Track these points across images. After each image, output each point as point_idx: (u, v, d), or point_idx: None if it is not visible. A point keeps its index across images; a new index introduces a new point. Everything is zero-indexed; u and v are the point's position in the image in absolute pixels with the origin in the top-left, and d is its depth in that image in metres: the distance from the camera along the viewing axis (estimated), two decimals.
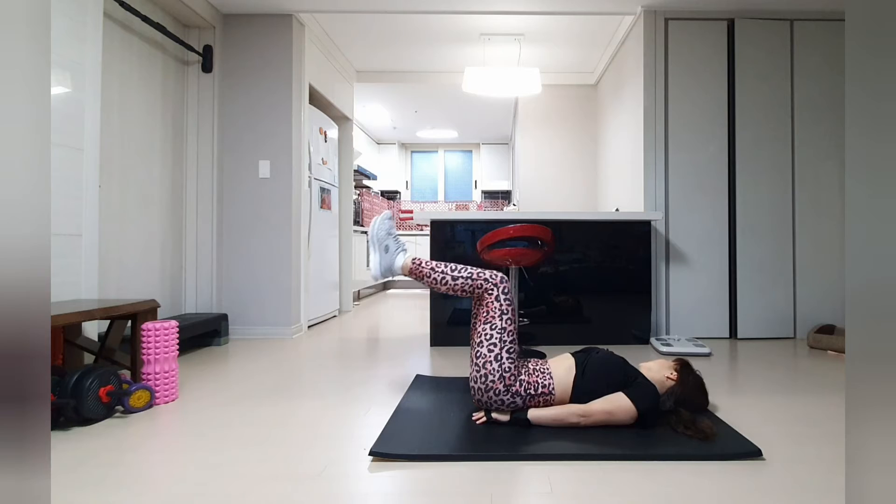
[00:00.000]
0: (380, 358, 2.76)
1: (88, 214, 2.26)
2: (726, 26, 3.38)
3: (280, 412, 1.85)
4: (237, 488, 1.27)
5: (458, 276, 1.82)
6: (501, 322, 1.74)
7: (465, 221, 3.16)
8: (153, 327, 1.93)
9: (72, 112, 2.18)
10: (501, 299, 1.77)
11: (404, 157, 8.14)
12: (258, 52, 3.39)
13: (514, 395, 1.67)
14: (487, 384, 1.68)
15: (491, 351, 1.70)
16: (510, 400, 1.68)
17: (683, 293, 3.35)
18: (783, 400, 1.99)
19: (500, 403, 1.68)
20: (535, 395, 1.68)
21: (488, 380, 1.68)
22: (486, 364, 1.69)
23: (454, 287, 1.83)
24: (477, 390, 1.71)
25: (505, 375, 1.68)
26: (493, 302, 1.77)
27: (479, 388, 1.70)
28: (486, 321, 1.75)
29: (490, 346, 1.71)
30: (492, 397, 1.68)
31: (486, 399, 1.70)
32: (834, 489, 1.26)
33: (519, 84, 3.82)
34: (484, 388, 1.69)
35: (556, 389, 1.69)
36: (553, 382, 1.69)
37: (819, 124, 3.35)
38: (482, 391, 1.69)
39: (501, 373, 1.68)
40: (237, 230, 3.38)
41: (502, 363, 1.68)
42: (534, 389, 1.68)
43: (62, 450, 1.50)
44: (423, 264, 1.88)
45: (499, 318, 1.74)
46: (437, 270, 1.85)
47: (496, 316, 1.75)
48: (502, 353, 1.70)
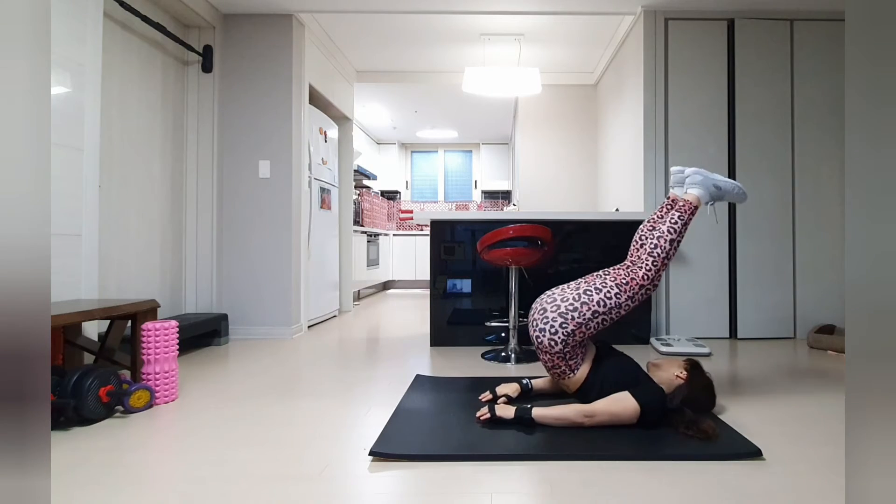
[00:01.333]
0: (380, 358, 2.76)
1: (88, 214, 2.26)
2: (726, 26, 3.38)
3: (280, 412, 1.85)
4: (237, 488, 1.27)
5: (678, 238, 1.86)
6: (621, 299, 1.78)
7: (465, 221, 3.16)
8: (153, 327, 1.93)
9: (72, 112, 2.18)
10: (646, 285, 1.81)
11: (404, 157, 8.14)
12: (258, 52, 3.39)
13: (565, 344, 1.72)
14: (567, 318, 1.72)
15: (600, 305, 1.75)
16: (561, 339, 1.72)
17: (683, 293, 3.35)
18: (783, 400, 1.99)
19: (551, 336, 1.73)
20: (568, 360, 1.74)
21: (569, 316, 1.73)
22: (584, 307, 1.73)
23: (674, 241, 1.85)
24: (547, 312, 1.75)
25: (583, 328, 1.73)
26: (638, 278, 1.80)
27: (551, 316, 1.74)
28: (620, 283, 1.79)
29: (601, 300, 1.75)
30: (555, 327, 1.73)
31: (545, 322, 1.74)
32: (834, 489, 1.26)
33: (519, 84, 3.82)
34: (560, 316, 1.73)
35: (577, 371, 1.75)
36: (582, 364, 1.76)
37: (819, 124, 3.35)
38: (551, 318, 1.74)
39: (584, 323, 1.73)
40: (237, 230, 3.38)
41: (589, 321, 1.74)
42: (571, 356, 1.74)
43: (62, 450, 1.50)
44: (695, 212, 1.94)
45: (627, 297, 1.78)
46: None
47: (626, 289, 1.79)
48: (598, 316, 1.74)
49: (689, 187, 1.99)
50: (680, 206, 1.91)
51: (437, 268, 3.16)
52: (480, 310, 3.16)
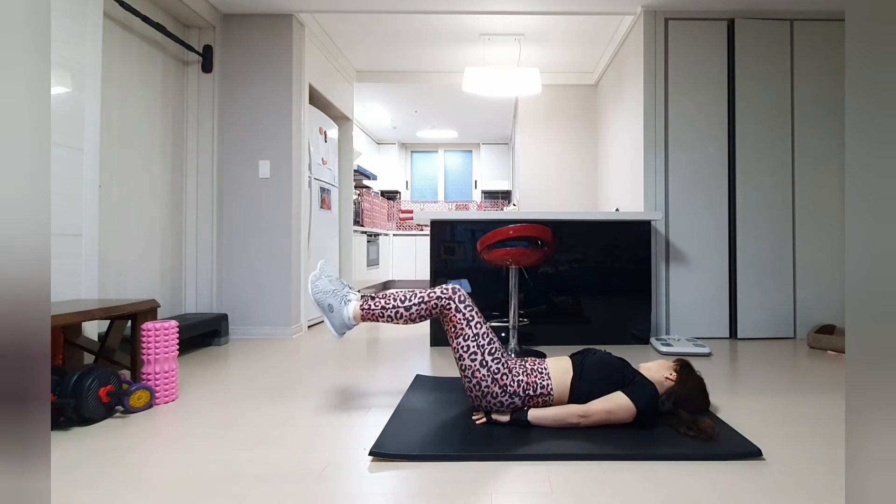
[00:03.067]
0: (380, 358, 2.76)
1: (88, 214, 2.26)
2: (726, 26, 3.38)
3: (280, 412, 1.85)
4: (237, 488, 1.27)
5: (411, 305, 1.77)
6: (472, 329, 1.72)
7: (465, 221, 3.16)
8: (153, 327, 1.93)
9: (72, 112, 2.18)
10: (462, 309, 1.74)
11: (404, 157, 8.14)
12: (258, 52, 3.39)
13: (512, 396, 1.67)
14: (483, 390, 1.67)
15: (474, 360, 1.68)
16: (509, 400, 1.67)
17: (683, 293, 3.35)
18: (783, 400, 1.99)
19: (499, 405, 1.68)
20: (533, 395, 1.68)
21: (482, 386, 1.67)
22: (475, 373, 1.68)
23: (411, 317, 1.78)
24: (475, 398, 1.71)
25: (497, 377, 1.67)
26: (455, 314, 1.74)
27: (476, 395, 1.70)
28: (457, 335, 1.73)
29: (471, 356, 1.69)
30: (490, 401, 1.68)
31: (485, 403, 1.69)
32: (834, 489, 1.26)
33: (519, 84, 3.82)
34: (481, 395, 1.68)
35: (554, 390, 1.68)
36: (551, 383, 1.69)
37: (819, 124, 3.35)
38: (479, 398, 1.69)
39: (492, 376, 1.67)
40: (237, 230, 3.38)
41: (489, 367, 1.67)
42: (532, 390, 1.68)
43: (62, 450, 1.50)
44: (372, 307, 1.80)
45: (467, 327, 1.72)
46: (388, 308, 1.78)
47: (464, 326, 1.72)
48: (486, 358, 1.68)
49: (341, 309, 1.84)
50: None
51: (437, 268, 3.16)
52: (480, 310, 3.16)
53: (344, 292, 1.87)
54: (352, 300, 1.85)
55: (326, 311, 1.84)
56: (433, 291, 1.78)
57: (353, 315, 1.82)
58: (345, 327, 1.84)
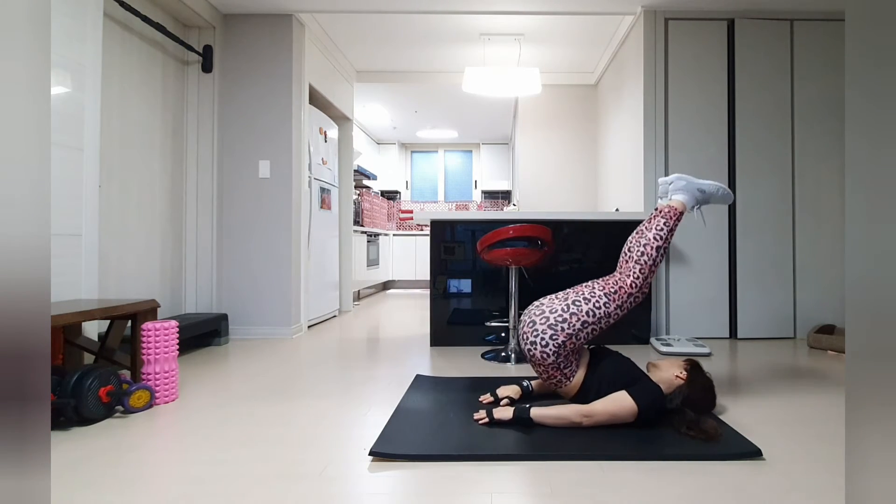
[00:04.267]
0: (380, 358, 2.76)
1: (88, 214, 2.26)
2: (726, 26, 3.38)
3: (280, 412, 1.85)
4: (237, 488, 1.27)
5: (664, 245, 1.85)
6: (613, 305, 1.79)
7: (465, 221, 3.16)
8: (153, 327, 1.93)
9: (72, 112, 2.18)
10: (635, 293, 1.81)
11: (404, 157, 8.14)
12: (258, 52, 3.39)
13: (557, 355, 1.72)
14: (557, 330, 1.72)
15: (590, 315, 1.75)
16: (553, 351, 1.72)
17: (683, 293, 3.35)
18: (783, 400, 1.99)
19: (542, 349, 1.72)
20: (563, 370, 1.74)
21: (559, 327, 1.72)
22: (573, 318, 1.73)
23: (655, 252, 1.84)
24: (536, 325, 1.75)
25: (573, 338, 1.73)
26: (626, 286, 1.81)
27: (540, 328, 1.73)
28: (609, 292, 1.79)
29: (590, 310, 1.75)
30: (545, 340, 1.72)
31: (535, 335, 1.74)
32: (834, 489, 1.26)
33: (519, 84, 3.82)
34: (550, 328, 1.72)
35: (573, 378, 1.76)
36: (577, 371, 1.76)
37: (819, 124, 3.35)
38: (541, 330, 1.73)
39: (574, 334, 1.73)
40: (237, 230, 3.38)
41: (579, 331, 1.73)
42: (565, 365, 1.74)
43: (62, 450, 1.50)
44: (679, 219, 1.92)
45: (616, 305, 1.79)
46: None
47: (615, 298, 1.79)
48: (588, 326, 1.74)
49: (673, 193, 2.00)
50: (665, 213, 1.91)
51: (437, 268, 3.16)
52: (480, 310, 3.16)
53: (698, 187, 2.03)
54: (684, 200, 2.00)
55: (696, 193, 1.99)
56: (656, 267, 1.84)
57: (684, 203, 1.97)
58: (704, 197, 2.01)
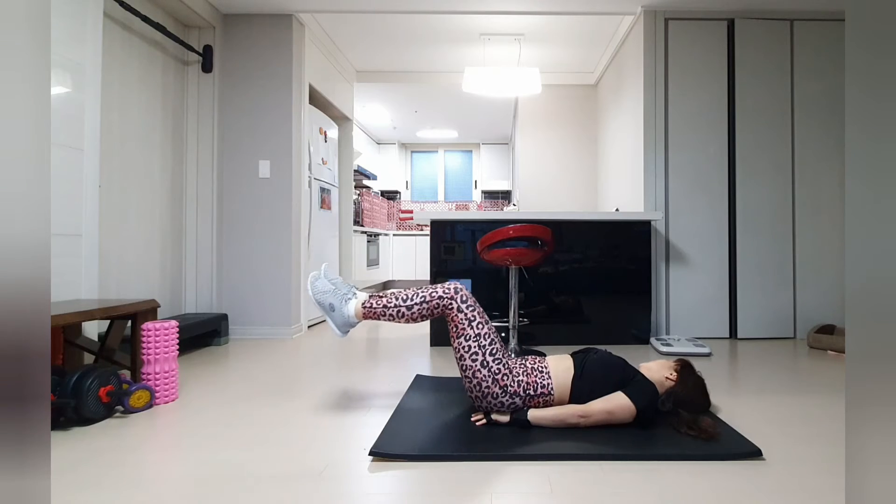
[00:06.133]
0: (380, 358, 2.76)
1: (88, 214, 2.26)
2: (726, 26, 3.38)
3: (280, 412, 1.85)
4: (237, 488, 1.27)
5: (413, 304, 1.76)
6: (473, 330, 1.71)
7: (465, 221, 3.16)
8: (153, 327, 1.93)
9: (72, 112, 2.18)
10: (464, 309, 1.73)
11: (404, 157, 8.14)
12: (258, 52, 3.39)
13: (513, 396, 1.67)
14: (483, 391, 1.67)
15: (475, 361, 1.68)
16: (509, 401, 1.67)
17: (683, 293, 3.35)
18: (783, 400, 1.99)
19: (500, 405, 1.68)
20: (533, 395, 1.68)
21: (483, 387, 1.67)
22: (476, 374, 1.68)
23: (413, 316, 1.77)
24: (475, 398, 1.71)
25: (497, 378, 1.67)
26: (457, 314, 1.73)
27: (476, 395, 1.70)
28: (458, 335, 1.72)
29: (472, 356, 1.69)
30: (491, 401, 1.68)
31: (485, 404, 1.69)
32: (834, 489, 1.26)
33: (519, 84, 3.82)
34: (482, 395, 1.68)
35: (554, 390, 1.68)
36: (552, 382, 1.69)
37: (819, 124, 3.35)
38: (480, 398, 1.69)
39: (493, 377, 1.67)
40: (237, 230, 3.38)
41: (490, 367, 1.67)
42: (532, 390, 1.68)
43: (62, 450, 1.50)
44: (374, 305, 1.78)
45: (468, 327, 1.72)
46: (390, 306, 1.77)
47: (465, 326, 1.72)
48: (487, 359, 1.68)
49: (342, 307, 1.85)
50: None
51: (437, 268, 3.16)
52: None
53: (345, 290, 1.86)
54: (352, 299, 1.84)
55: (328, 310, 1.83)
56: (435, 290, 1.77)
57: (355, 313, 1.81)
58: (347, 325, 1.84)
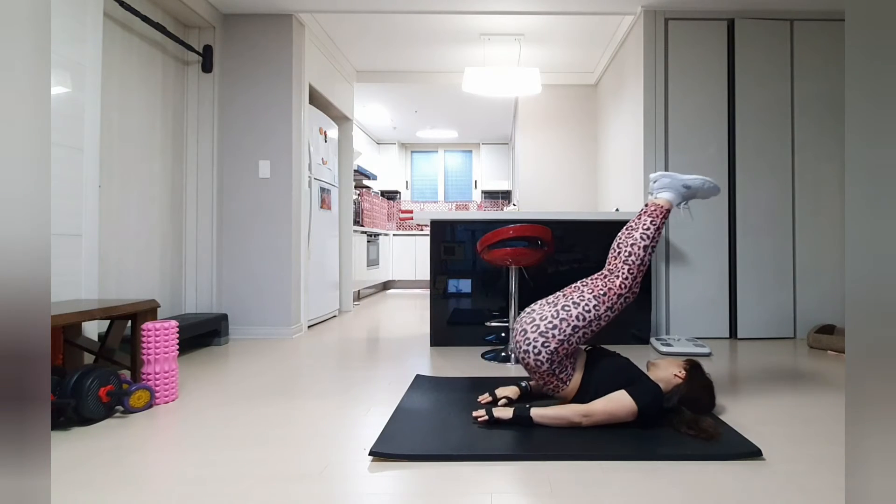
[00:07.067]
0: (380, 358, 2.76)
1: (88, 214, 2.26)
2: (726, 26, 3.38)
3: (280, 412, 1.85)
4: (237, 488, 1.27)
5: (651, 244, 1.85)
6: (602, 307, 1.78)
7: (465, 221, 3.16)
8: (153, 327, 1.93)
9: (72, 112, 2.18)
10: (625, 294, 1.80)
11: (404, 157, 8.14)
12: (258, 52, 3.39)
13: (551, 362, 1.72)
14: (548, 337, 1.71)
15: (580, 319, 1.74)
16: (546, 358, 1.71)
17: (683, 293, 3.35)
18: (783, 400, 1.99)
19: (536, 357, 1.72)
20: (558, 375, 1.74)
21: (550, 334, 1.71)
22: (564, 324, 1.72)
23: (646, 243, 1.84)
24: (528, 334, 1.74)
25: (565, 344, 1.72)
26: (616, 287, 1.80)
27: (532, 337, 1.73)
28: (598, 295, 1.78)
29: (580, 314, 1.74)
30: (538, 348, 1.72)
31: (527, 344, 1.73)
32: (834, 489, 1.26)
33: (519, 84, 3.82)
34: (552, 326, 1.72)
35: (569, 383, 1.74)
36: (573, 374, 1.75)
37: (819, 124, 3.35)
38: (532, 338, 1.73)
39: (565, 339, 1.72)
40: (237, 230, 3.38)
41: (570, 336, 1.72)
42: (560, 370, 1.74)
43: (62, 450, 1.50)
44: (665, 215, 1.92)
45: (606, 307, 1.78)
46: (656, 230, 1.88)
47: (605, 300, 1.78)
48: (579, 330, 1.73)
49: (658, 191, 2.00)
50: (651, 211, 1.91)
51: (437, 268, 3.16)
52: (480, 310, 3.16)
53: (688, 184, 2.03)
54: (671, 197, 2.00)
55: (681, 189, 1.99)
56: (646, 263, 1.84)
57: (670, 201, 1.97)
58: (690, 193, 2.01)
